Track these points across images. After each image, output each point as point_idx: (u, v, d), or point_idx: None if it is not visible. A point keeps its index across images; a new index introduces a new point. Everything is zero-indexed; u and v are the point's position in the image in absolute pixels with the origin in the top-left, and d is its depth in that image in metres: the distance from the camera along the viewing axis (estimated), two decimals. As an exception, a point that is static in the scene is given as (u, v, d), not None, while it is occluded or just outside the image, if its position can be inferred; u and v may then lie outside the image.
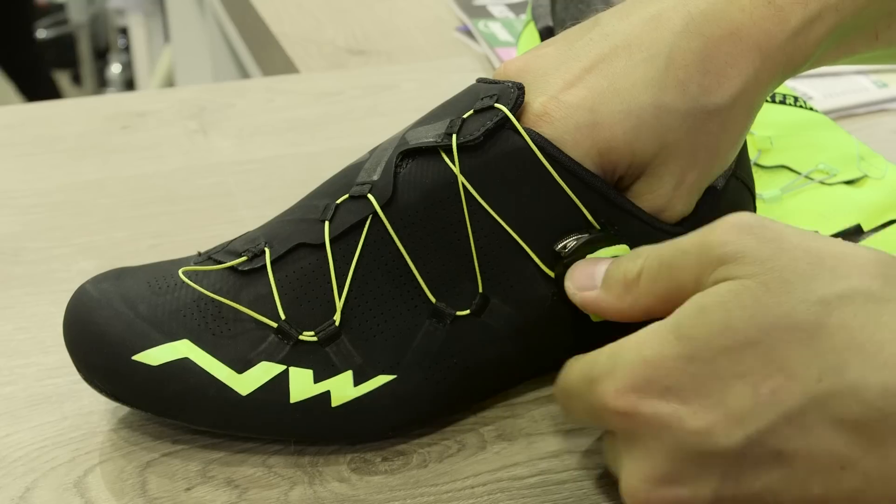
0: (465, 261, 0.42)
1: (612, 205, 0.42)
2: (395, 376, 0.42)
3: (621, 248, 0.42)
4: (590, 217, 0.42)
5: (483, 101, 0.42)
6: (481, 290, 0.42)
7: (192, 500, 0.41)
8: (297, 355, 0.41)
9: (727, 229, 0.36)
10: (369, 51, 0.88)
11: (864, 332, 0.32)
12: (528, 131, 0.41)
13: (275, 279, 0.42)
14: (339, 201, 0.43)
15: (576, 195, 0.41)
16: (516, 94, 0.42)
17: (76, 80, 3.40)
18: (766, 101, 0.45)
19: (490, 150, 0.41)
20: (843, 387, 0.32)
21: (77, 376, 0.43)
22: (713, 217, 0.44)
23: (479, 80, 0.44)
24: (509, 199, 0.42)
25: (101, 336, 0.41)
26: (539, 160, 0.41)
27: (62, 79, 3.48)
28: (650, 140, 0.41)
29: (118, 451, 0.43)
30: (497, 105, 0.41)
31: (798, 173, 0.58)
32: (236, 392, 0.41)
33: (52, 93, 2.60)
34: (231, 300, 0.42)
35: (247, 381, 0.41)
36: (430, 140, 0.42)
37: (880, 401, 0.31)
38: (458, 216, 0.41)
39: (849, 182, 0.58)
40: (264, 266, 0.42)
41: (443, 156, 0.42)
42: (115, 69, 3.09)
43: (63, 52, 3.42)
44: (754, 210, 0.49)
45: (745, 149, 0.47)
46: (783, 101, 0.63)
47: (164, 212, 0.61)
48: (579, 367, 0.38)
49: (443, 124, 0.42)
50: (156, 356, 0.41)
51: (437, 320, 0.42)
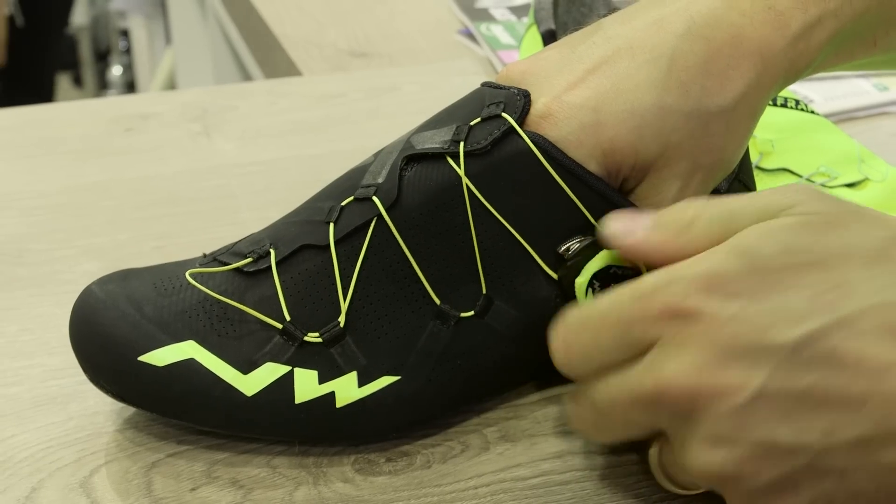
0: (469, 263, 0.42)
1: (615, 207, 0.42)
2: (399, 377, 0.42)
3: (624, 251, 0.42)
4: (592, 220, 0.42)
5: (490, 108, 0.42)
6: (485, 292, 0.42)
7: (198, 501, 0.41)
8: (302, 356, 0.41)
9: (788, 188, 0.38)
10: (371, 53, 0.88)
11: None
12: (532, 135, 0.41)
13: (280, 280, 0.42)
14: (343, 203, 0.43)
15: (579, 198, 0.42)
16: (522, 102, 0.42)
17: (77, 81, 3.40)
18: (768, 104, 0.46)
19: (494, 153, 0.42)
20: None
21: (82, 377, 0.43)
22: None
23: (484, 84, 0.44)
24: (513, 202, 0.42)
25: (108, 337, 0.41)
26: (542, 164, 0.41)
27: (63, 81, 3.49)
28: (653, 140, 0.42)
29: (123, 451, 0.43)
30: (504, 115, 0.42)
31: (799, 176, 0.58)
32: (242, 393, 0.41)
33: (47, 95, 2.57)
34: (236, 301, 0.42)
35: (252, 382, 0.41)
36: (437, 147, 0.42)
37: None
38: (463, 218, 0.42)
39: (850, 185, 0.58)
40: (269, 267, 0.42)
41: (448, 160, 0.42)
42: (115, 71, 3.09)
43: (64, 54, 3.43)
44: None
45: (746, 152, 0.47)
46: (784, 105, 0.63)
47: (167, 214, 0.61)
48: (616, 294, 0.38)
49: (449, 130, 0.43)
50: (162, 357, 0.41)
51: (441, 322, 0.42)
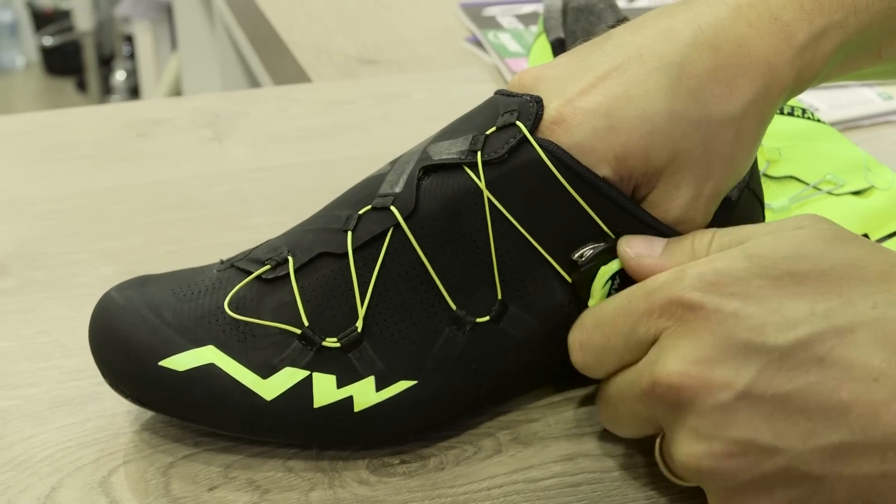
0: (485, 269, 0.43)
1: (627, 214, 0.43)
2: (416, 382, 0.42)
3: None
4: (604, 227, 0.43)
5: (504, 116, 0.43)
6: (500, 298, 0.43)
7: (215, 501, 0.42)
8: (321, 361, 0.42)
9: (801, 216, 0.40)
10: (379, 60, 0.89)
11: None
12: (545, 142, 0.42)
13: (298, 286, 0.43)
14: (361, 212, 0.43)
15: (591, 205, 0.42)
16: (535, 109, 0.42)
17: (81, 86, 3.41)
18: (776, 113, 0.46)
19: (510, 161, 0.42)
20: (894, 316, 0.35)
21: (99, 378, 0.44)
22: (726, 227, 0.45)
23: (498, 93, 0.45)
24: (528, 209, 0.42)
25: (128, 342, 0.42)
26: (554, 171, 0.42)
27: (67, 86, 3.50)
28: (664, 146, 0.42)
29: (142, 452, 0.44)
30: (518, 123, 0.42)
31: (806, 184, 0.59)
32: (261, 397, 0.41)
33: None
34: (254, 307, 0.42)
35: (271, 387, 0.41)
36: (455, 157, 0.43)
37: None
38: (479, 225, 0.42)
39: (856, 192, 0.59)
40: (287, 274, 0.43)
41: (466, 170, 0.42)
42: (119, 76, 3.10)
43: (68, 59, 3.44)
44: (763, 220, 0.50)
45: (755, 160, 0.48)
46: (791, 113, 0.64)
47: (180, 218, 0.62)
48: (627, 292, 0.40)
49: (465, 140, 0.43)
50: (182, 362, 0.41)
51: (457, 327, 0.43)
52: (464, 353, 0.43)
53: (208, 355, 0.41)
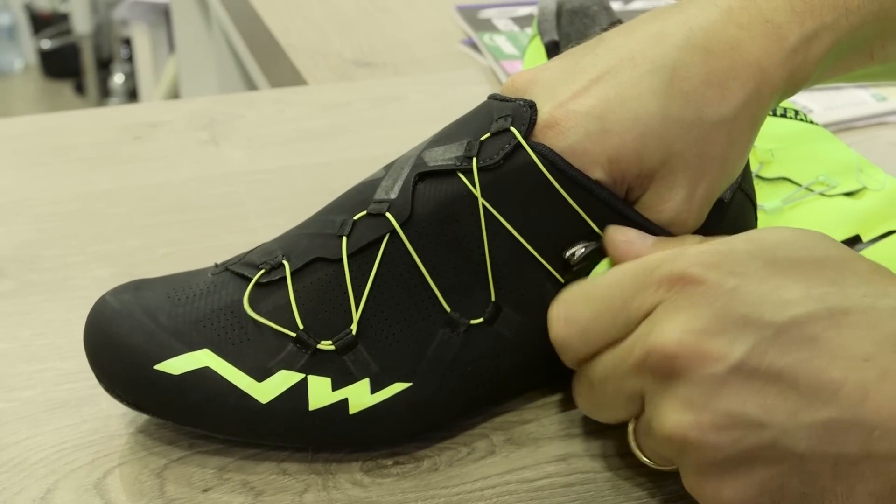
0: (478, 271, 0.43)
1: (619, 216, 0.43)
2: (410, 384, 0.43)
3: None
4: (596, 228, 0.43)
5: (498, 122, 0.43)
6: (493, 299, 0.43)
7: (209, 502, 0.42)
8: (316, 364, 0.42)
9: (786, 227, 0.42)
10: (376, 63, 0.89)
11: None
12: (538, 146, 0.42)
13: (293, 290, 0.43)
14: (356, 217, 0.43)
15: (584, 207, 0.42)
16: (529, 114, 0.43)
17: (79, 89, 3.41)
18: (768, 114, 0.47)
19: (504, 166, 0.42)
20: (885, 305, 0.36)
21: (95, 381, 0.44)
22: (719, 228, 0.45)
23: (491, 97, 0.45)
24: (521, 212, 0.43)
25: (123, 346, 0.42)
26: (547, 176, 0.42)
27: (65, 88, 3.50)
28: (657, 148, 0.42)
29: (136, 454, 0.44)
30: (512, 129, 0.42)
31: (799, 185, 0.59)
32: (256, 400, 0.42)
33: None
34: (250, 309, 0.43)
35: (267, 390, 0.42)
36: (450, 163, 0.43)
37: None
38: (473, 228, 0.42)
39: (848, 194, 0.59)
40: (282, 279, 0.43)
41: (461, 176, 0.43)
42: (117, 79, 3.10)
43: (66, 62, 3.45)
44: (756, 221, 0.50)
45: (748, 162, 0.48)
46: (784, 115, 0.64)
47: (176, 221, 0.62)
48: (621, 268, 0.41)
49: (460, 146, 0.43)
50: (177, 366, 0.41)
51: (451, 329, 0.43)
52: (458, 355, 0.43)
53: (203, 359, 0.42)
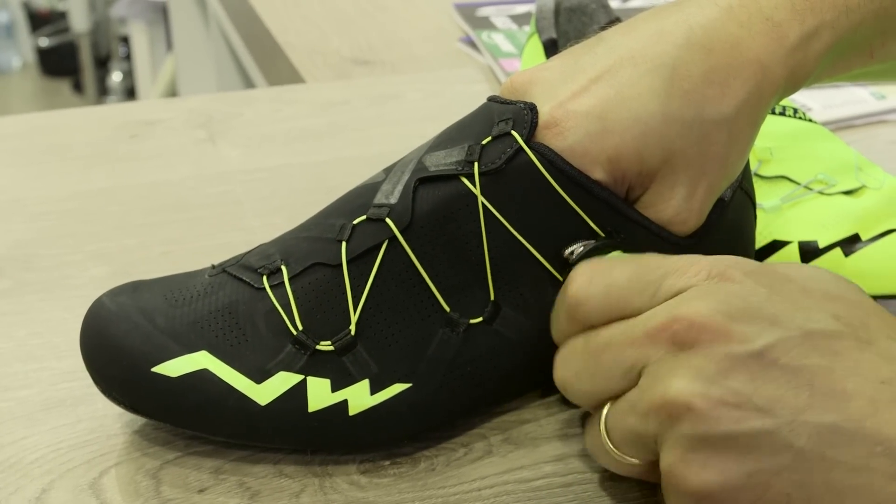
0: (477, 270, 0.43)
1: (619, 214, 0.43)
2: (410, 384, 0.42)
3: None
4: (596, 228, 0.43)
5: (499, 125, 0.43)
6: (493, 299, 0.43)
7: (205, 502, 0.42)
8: (315, 365, 0.42)
9: None
10: (374, 61, 0.89)
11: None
12: (538, 146, 0.42)
13: (292, 291, 0.42)
14: (356, 222, 0.43)
15: (584, 207, 0.42)
16: (530, 117, 0.42)
17: (77, 87, 3.41)
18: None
19: (505, 169, 0.42)
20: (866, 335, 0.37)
21: (91, 380, 0.44)
22: (719, 227, 0.45)
23: (491, 99, 0.45)
24: (521, 212, 0.42)
25: (120, 348, 0.42)
26: (546, 176, 0.42)
27: (63, 87, 3.50)
28: (658, 148, 0.42)
29: (132, 453, 0.44)
30: (513, 133, 0.42)
31: (797, 183, 0.59)
32: (255, 402, 0.41)
33: None
34: (248, 312, 0.42)
35: (266, 391, 0.41)
36: (452, 168, 0.43)
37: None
38: (472, 228, 0.42)
39: (847, 192, 0.59)
40: (281, 283, 0.43)
41: (463, 180, 0.42)
42: (115, 77, 3.10)
43: (65, 60, 3.44)
44: (755, 219, 0.50)
45: (747, 161, 0.48)
46: (783, 113, 0.64)
47: (173, 219, 0.62)
48: (671, 255, 0.40)
49: (461, 150, 0.43)
50: (175, 368, 0.41)
51: (450, 329, 0.43)
52: (458, 355, 0.43)
53: (202, 361, 0.41)
